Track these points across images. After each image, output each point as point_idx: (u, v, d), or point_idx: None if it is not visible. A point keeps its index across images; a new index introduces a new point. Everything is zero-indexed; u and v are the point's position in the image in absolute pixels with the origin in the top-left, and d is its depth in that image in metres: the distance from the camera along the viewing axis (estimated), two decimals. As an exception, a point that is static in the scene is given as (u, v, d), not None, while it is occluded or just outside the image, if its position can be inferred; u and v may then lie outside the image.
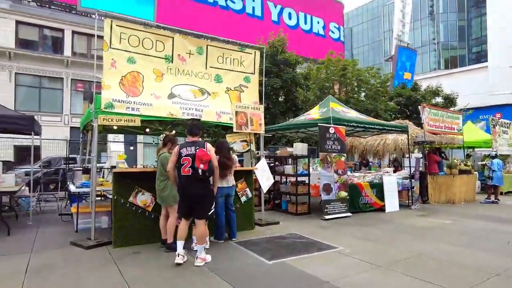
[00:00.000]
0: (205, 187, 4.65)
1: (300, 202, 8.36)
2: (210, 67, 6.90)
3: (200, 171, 4.51)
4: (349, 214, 8.17)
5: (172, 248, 4.95)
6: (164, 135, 6.66)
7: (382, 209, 8.98)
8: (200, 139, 4.86)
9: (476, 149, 16.41)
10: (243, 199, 6.50)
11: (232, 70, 7.14)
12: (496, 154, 13.45)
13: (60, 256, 4.91)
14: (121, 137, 13.51)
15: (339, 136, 8.32)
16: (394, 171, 11.53)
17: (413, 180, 9.88)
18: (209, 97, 6.77)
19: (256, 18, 29.59)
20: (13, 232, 6.22)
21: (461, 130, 12.64)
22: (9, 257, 4.84)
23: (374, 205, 8.97)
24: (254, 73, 7.37)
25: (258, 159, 7.37)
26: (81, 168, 7.38)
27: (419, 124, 12.06)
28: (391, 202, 9.12)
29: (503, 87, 32.69)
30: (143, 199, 5.49)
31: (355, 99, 19.23)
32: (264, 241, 5.76)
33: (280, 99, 16.29)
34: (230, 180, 5.76)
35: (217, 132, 6.89)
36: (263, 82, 7.73)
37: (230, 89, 7.07)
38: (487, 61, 37.96)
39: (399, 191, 10.12)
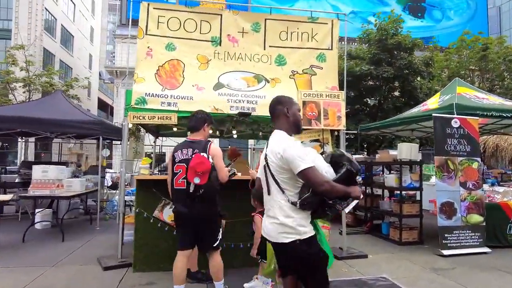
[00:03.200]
0: (208, 209, 3.16)
1: (406, 226, 5.97)
2: (270, 46, 5.38)
3: (192, 186, 3.05)
4: (485, 249, 5.38)
5: (196, 278, 3.82)
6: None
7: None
8: (204, 137, 3.41)
9: None
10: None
11: (300, 48, 5.44)
12: None
13: (73, 275, 4.18)
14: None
15: (469, 132, 5.63)
16: None
17: None
18: (267, 84, 5.24)
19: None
20: (68, 238, 5.92)
21: None
22: (22, 270, 4.30)
23: (534, 238, 5.84)
24: (331, 49, 5.50)
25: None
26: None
27: None
28: None
29: None
30: (171, 214, 4.32)
31: (503, 88, 14.68)
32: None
33: (395, 93, 13.44)
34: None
35: (277, 130, 5.23)
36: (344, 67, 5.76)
37: (297, 73, 5.38)
38: None
39: None
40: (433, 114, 5.60)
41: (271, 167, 2.17)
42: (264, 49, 5.35)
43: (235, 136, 7.13)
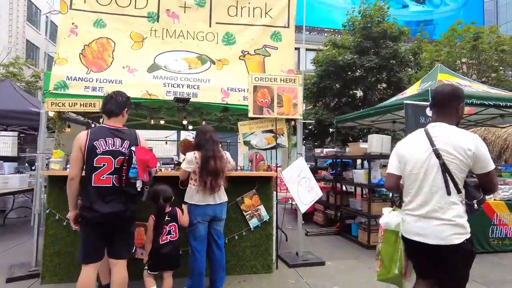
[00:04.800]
0: (135, 207, 2.69)
1: (376, 228, 5.33)
2: (217, 23, 4.71)
3: (139, 184, 2.55)
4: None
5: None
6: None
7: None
8: (123, 124, 2.81)
9: None
10: (254, 223, 4.04)
11: (252, 25, 4.78)
12: None
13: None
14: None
15: (445, 122, 4.96)
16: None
17: None
18: (212, 66, 4.58)
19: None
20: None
21: None
22: None
23: (518, 241, 5.22)
24: (288, 27, 4.83)
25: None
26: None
27: None
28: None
29: None
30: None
31: (495, 79, 14.04)
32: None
33: (383, 84, 12.77)
34: (220, 194, 3.43)
35: (224, 119, 4.57)
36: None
37: (248, 54, 4.71)
38: None
39: None
40: (405, 101, 4.94)
41: (453, 165, 2.00)
42: (210, 26, 4.68)
43: (190, 127, 6.44)
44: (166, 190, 3.22)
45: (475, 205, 2.01)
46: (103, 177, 2.55)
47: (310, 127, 13.22)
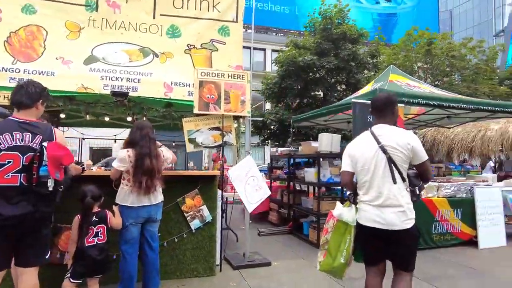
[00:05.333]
0: (47, 209, 2.40)
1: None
2: (161, 15, 4.50)
3: (51, 183, 2.30)
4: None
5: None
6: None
7: (473, 241, 5.38)
8: (37, 117, 2.54)
9: None
10: (195, 224, 3.87)
11: (199, 18, 4.61)
12: None
13: None
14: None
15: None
16: (502, 179, 7.50)
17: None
18: (155, 59, 4.36)
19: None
20: None
21: None
22: None
23: (458, 236, 5.41)
24: (236, 21, 4.70)
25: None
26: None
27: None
28: (490, 232, 5.43)
29: None
30: None
31: (446, 84, 14.74)
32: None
33: (342, 86, 13.00)
34: (156, 195, 3.23)
35: (167, 116, 4.37)
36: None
37: (194, 47, 4.54)
38: None
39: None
40: (352, 100, 4.98)
41: (397, 157, 2.32)
42: (154, 18, 4.46)
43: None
44: (94, 189, 2.98)
45: (417, 191, 2.37)
46: (8, 175, 2.27)
47: (272, 127, 13.22)
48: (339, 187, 5.53)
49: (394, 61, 15.68)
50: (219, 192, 4.15)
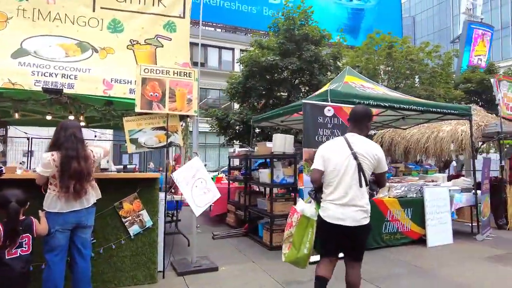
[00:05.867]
0: None
1: (279, 228, 5.26)
2: (102, 8, 4.24)
3: None
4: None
5: None
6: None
7: (422, 240, 5.50)
8: None
9: None
10: (134, 230, 3.65)
11: (143, 13, 4.38)
12: None
13: None
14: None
15: (344, 122, 5.06)
16: (451, 178, 7.77)
17: (479, 193, 6.15)
18: (95, 55, 4.10)
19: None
20: None
21: (562, 117, 8.34)
22: None
23: (408, 235, 5.51)
24: (183, 17, 4.52)
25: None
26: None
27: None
28: (438, 230, 5.57)
29: None
30: None
31: (407, 86, 15.22)
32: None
33: (305, 88, 13.05)
34: (88, 198, 2.99)
35: (107, 115, 4.12)
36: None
37: (138, 43, 4.32)
38: None
39: (458, 208, 6.51)
40: (303, 101, 4.94)
41: (365, 165, 2.64)
42: (94, 11, 4.20)
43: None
44: (18, 194, 2.70)
45: (375, 194, 2.91)
46: None
47: (236, 127, 13.07)
48: (293, 188, 5.47)
49: (357, 63, 16.03)
50: (162, 195, 3.94)
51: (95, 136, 6.78)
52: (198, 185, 4.22)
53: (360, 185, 2.62)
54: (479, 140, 7.94)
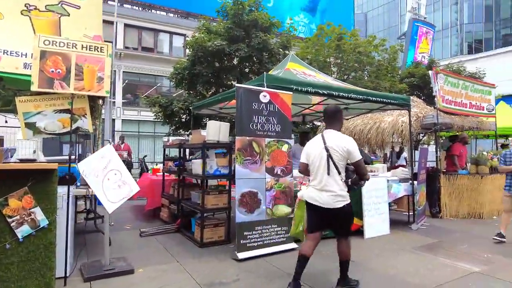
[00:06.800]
0: None
1: (211, 223, 4.87)
2: (-13, -37, 3.47)
3: None
4: (293, 245, 4.63)
5: None
6: None
7: (361, 231, 5.41)
8: None
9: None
10: (24, 231, 3.04)
11: (43, -27, 3.68)
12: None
13: None
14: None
15: (280, 109, 4.75)
16: (391, 168, 7.89)
17: (415, 183, 6.22)
18: (-25, 20, 3.35)
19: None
20: None
21: (493, 110, 8.80)
22: None
23: (346, 227, 5.39)
24: (95, -17, 3.89)
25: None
26: None
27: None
28: (376, 221, 5.52)
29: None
30: None
31: (355, 79, 15.45)
32: None
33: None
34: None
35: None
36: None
37: (36, 9, 3.63)
38: (517, 44, 32.73)
39: (398, 198, 6.56)
40: (236, 85, 4.55)
41: (335, 156, 3.13)
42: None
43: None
44: None
45: (349, 182, 3.17)
46: None
47: (182, 116, 12.42)
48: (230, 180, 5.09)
49: (307, 54, 15.99)
50: (62, 189, 3.36)
51: (6, 122, 5.87)
52: (111, 177, 3.68)
53: (329, 173, 3.10)
54: (418, 131, 8.09)
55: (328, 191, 3.09)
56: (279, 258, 4.32)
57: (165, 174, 6.63)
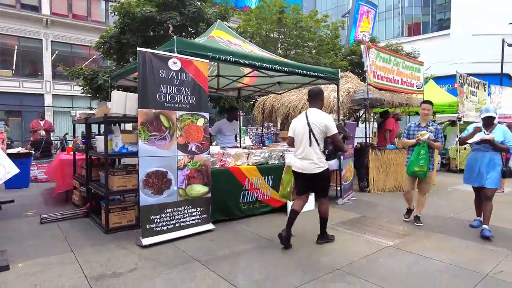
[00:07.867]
0: None
1: (118, 207, 4.36)
2: None
3: None
4: (209, 226, 4.32)
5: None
6: None
7: (285, 207, 5.24)
8: None
9: (438, 115, 13.12)
10: None
11: None
12: (459, 119, 10.43)
13: None
14: None
15: (195, 79, 4.27)
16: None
17: (341, 158, 6.17)
18: None
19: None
20: None
21: (421, 87, 9.07)
22: None
23: (269, 203, 5.20)
24: None
25: None
26: None
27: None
28: (299, 198, 5.39)
29: (466, 56, 29.80)
30: None
31: (297, 54, 15.25)
32: None
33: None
34: None
35: None
36: None
37: None
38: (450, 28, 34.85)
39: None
40: (138, 49, 3.97)
41: (314, 130, 3.68)
42: None
43: None
44: None
45: (326, 152, 3.74)
46: None
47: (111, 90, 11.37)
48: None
49: (249, 27, 15.42)
50: None
51: None
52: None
53: (310, 145, 3.69)
54: (349, 106, 8.07)
55: (309, 159, 3.68)
56: (191, 241, 3.98)
57: (77, 153, 5.91)
